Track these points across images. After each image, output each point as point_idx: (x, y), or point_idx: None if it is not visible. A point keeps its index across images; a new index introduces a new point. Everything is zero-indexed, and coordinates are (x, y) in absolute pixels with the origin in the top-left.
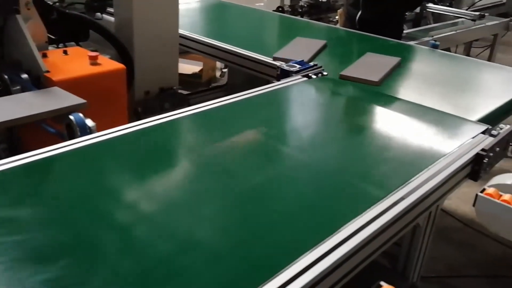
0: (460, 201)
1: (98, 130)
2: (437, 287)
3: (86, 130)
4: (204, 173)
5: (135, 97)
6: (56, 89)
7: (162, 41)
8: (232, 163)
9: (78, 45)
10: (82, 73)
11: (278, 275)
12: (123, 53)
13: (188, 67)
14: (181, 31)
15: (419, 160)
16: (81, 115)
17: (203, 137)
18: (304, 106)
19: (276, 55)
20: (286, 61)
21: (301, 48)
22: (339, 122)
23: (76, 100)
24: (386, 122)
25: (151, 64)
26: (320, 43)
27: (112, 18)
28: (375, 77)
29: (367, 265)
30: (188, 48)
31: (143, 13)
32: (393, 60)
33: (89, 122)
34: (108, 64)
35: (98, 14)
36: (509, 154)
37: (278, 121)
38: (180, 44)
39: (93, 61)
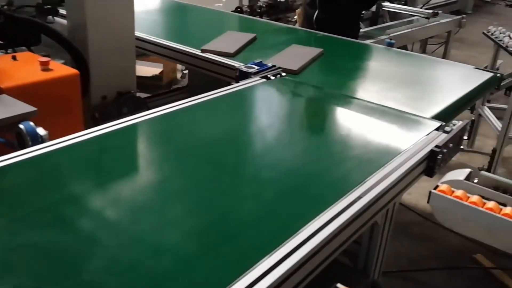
0: (420, 195)
1: (53, 139)
2: (399, 282)
3: (38, 139)
4: (166, 178)
5: (91, 102)
6: (4, 97)
7: (118, 44)
8: (193, 166)
9: (29, 50)
10: (32, 80)
11: (239, 280)
12: (77, 58)
13: (147, 69)
14: (138, 33)
15: (375, 158)
16: (31, 123)
17: (164, 141)
18: (264, 108)
19: (205, 47)
20: (214, 53)
21: (230, 41)
22: (299, 123)
23: (26, 108)
24: (344, 121)
25: (107, 68)
26: (249, 36)
27: (65, 21)
28: (295, 66)
29: (328, 265)
30: (145, 50)
31: (97, 15)
32: (315, 51)
33: (41, 131)
34: (61, 69)
35: (50, 17)
36: (464, 148)
37: (238, 123)
38: (138, 47)
39: (44, 66)
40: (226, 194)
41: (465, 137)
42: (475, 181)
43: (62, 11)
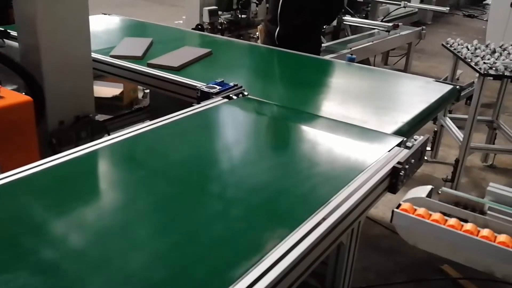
0: (386, 208)
1: (5, 170)
2: None
3: None
4: (130, 202)
5: (48, 128)
6: None
7: (74, 66)
8: (158, 190)
9: None
10: None
11: None
12: (30, 82)
13: (107, 90)
14: (94, 54)
15: (337, 178)
16: None
17: (127, 165)
18: (228, 127)
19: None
20: (122, 57)
21: (133, 45)
22: (263, 141)
23: None
24: (308, 140)
25: (63, 92)
26: (147, 40)
27: (16, 44)
28: (175, 64)
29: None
30: (103, 72)
31: (50, 37)
32: (201, 51)
33: None
34: (12, 96)
35: (0, 40)
36: (428, 159)
37: (202, 144)
38: (95, 69)
39: None
40: (195, 216)
41: (429, 148)
42: (437, 197)
43: (14, 33)
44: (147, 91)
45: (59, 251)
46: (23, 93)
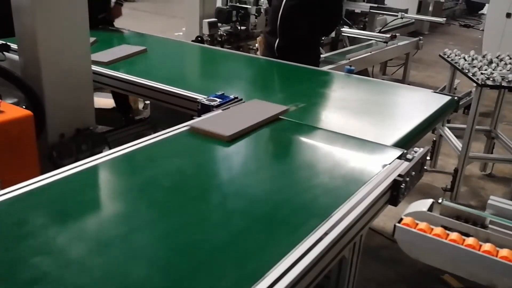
0: (386, 218)
1: (5, 184)
2: None
3: None
4: (134, 215)
5: (48, 141)
6: None
7: (75, 79)
8: (159, 201)
9: None
10: None
11: None
12: (30, 96)
13: (108, 101)
14: (94, 67)
15: (339, 191)
16: None
17: (129, 181)
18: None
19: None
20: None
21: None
22: (262, 154)
23: None
24: (308, 152)
25: (64, 105)
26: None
27: (17, 57)
28: (105, 59)
29: None
30: (104, 85)
31: (51, 51)
32: (137, 48)
33: None
34: (12, 111)
35: (1, 53)
36: (428, 168)
37: (203, 157)
38: (95, 81)
39: None
40: (197, 232)
41: (428, 158)
42: (438, 210)
43: (14, 46)
44: (148, 102)
45: (61, 266)
46: (23, 107)
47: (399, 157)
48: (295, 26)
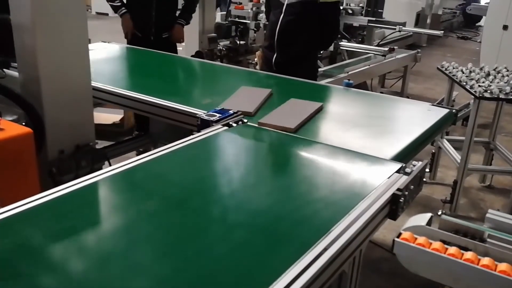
0: (387, 231)
1: (5, 201)
2: None
3: None
4: (135, 231)
5: (48, 157)
6: None
7: (74, 95)
8: (160, 216)
9: None
10: None
11: None
12: (30, 113)
13: (107, 116)
14: (94, 83)
15: (338, 205)
16: None
17: (130, 198)
18: (228, 155)
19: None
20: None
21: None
22: (262, 168)
23: None
24: (307, 167)
25: (64, 121)
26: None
27: (17, 74)
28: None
29: None
30: (103, 100)
31: (50, 68)
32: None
33: None
34: (12, 128)
35: (1, 71)
36: (427, 180)
37: (203, 172)
38: (95, 97)
39: None
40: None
41: (427, 170)
42: (437, 225)
43: (14, 63)
44: None
45: (62, 283)
46: (23, 124)
47: (398, 171)
48: (292, 41)
